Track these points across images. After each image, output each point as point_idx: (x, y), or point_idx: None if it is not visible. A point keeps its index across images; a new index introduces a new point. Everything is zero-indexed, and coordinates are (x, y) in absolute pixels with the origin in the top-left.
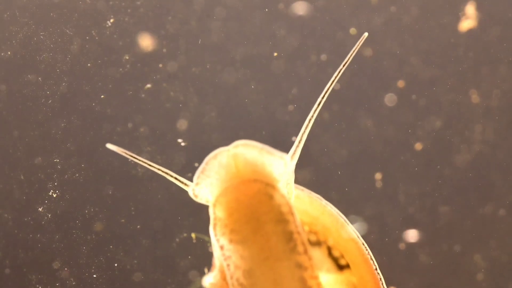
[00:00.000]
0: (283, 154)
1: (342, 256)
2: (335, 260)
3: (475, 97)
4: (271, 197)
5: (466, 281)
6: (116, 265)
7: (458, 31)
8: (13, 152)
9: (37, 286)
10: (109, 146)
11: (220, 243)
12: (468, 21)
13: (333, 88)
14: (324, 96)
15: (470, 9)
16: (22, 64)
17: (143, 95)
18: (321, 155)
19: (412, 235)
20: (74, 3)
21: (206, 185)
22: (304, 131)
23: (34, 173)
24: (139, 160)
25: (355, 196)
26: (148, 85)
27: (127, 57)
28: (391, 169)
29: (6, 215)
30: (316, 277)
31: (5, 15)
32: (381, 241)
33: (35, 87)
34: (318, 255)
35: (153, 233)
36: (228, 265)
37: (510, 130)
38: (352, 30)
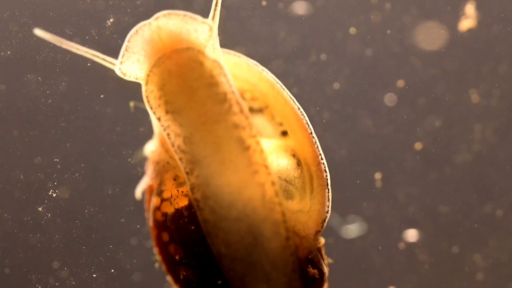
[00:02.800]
0: (205, 19)
1: (280, 123)
2: (273, 127)
3: (475, 97)
4: (201, 63)
5: (466, 281)
6: (116, 265)
7: (458, 30)
8: (13, 152)
9: (37, 286)
10: (37, 31)
11: (156, 115)
12: (468, 20)
13: (333, 88)
14: None
15: (470, 9)
16: (22, 64)
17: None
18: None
19: (412, 235)
20: (74, 3)
21: (133, 62)
22: None
23: (34, 173)
24: (66, 44)
25: (355, 196)
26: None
27: None
28: (391, 169)
29: (6, 215)
30: (254, 136)
31: (5, 15)
32: (381, 241)
33: (35, 87)
34: (261, 121)
35: None
36: (168, 135)
37: (510, 130)
38: (352, 30)
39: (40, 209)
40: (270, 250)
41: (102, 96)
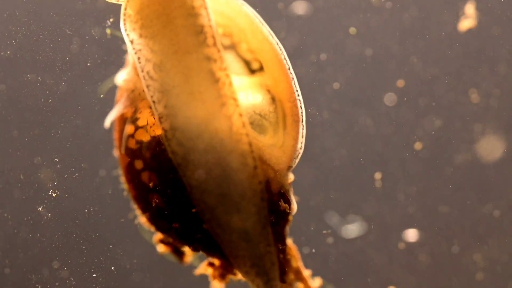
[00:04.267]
0: None
1: (256, 59)
2: (247, 63)
3: (474, 97)
4: None
5: (466, 281)
6: (116, 265)
7: (458, 30)
8: (13, 152)
9: (37, 285)
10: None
11: (130, 37)
12: (468, 20)
13: (333, 88)
14: None
15: (470, 9)
16: (22, 64)
17: None
18: (321, 155)
19: (411, 235)
20: (74, 3)
21: None
22: None
23: (34, 173)
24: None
25: (355, 196)
26: None
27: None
28: (391, 168)
29: (6, 214)
30: (225, 69)
31: (5, 15)
32: (381, 241)
33: (35, 87)
34: (230, 58)
35: (153, 233)
36: (138, 58)
37: (510, 130)
38: (352, 30)
39: (40, 209)
40: (238, 181)
41: (102, 96)
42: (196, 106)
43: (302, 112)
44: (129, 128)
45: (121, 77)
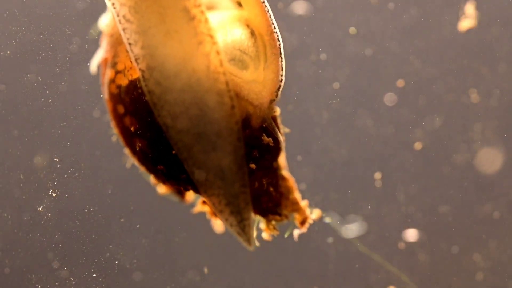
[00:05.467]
0: None
1: None
2: None
3: (474, 97)
4: None
5: (466, 281)
6: (116, 265)
7: (458, 30)
8: (13, 151)
9: (37, 285)
10: None
11: None
12: (468, 20)
13: (333, 88)
14: None
15: (470, 9)
16: (22, 64)
17: None
18: (321, 155)
19: (411, 234)
20: (74, 3)
21: None
22: None
23: (34, 172)
24: None
25: (355, 196)
26: None
27: None
28: (391, 168)
29: (5, 214)
30: (199, 6)
31: (5, 15)
32: (380, 241)
33: (35, 87)
34: None
35: (152, 232)
36: (113, 4)
37: (510, 130)
38: (352, 30)
39: (40, 209)
40: (215, 120)
41: (102, 96)
42: (172, 45)
43: (280, 45)
44: (109, 73)
45: (103, 22)
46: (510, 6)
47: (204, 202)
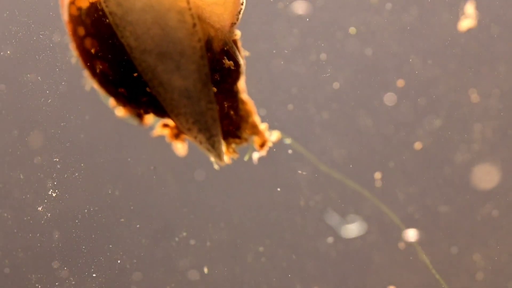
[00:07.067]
0: None
1: None
2: None
3: (474, 97)
4: None
5: (466, 280)
6: (116, 264)
7: (458, 30)
8: (13, 151)
9: (37, 285)
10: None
11: None
12: (468, 20)
13: (333, 88)
14: None
15: (470, 9)
16: (22, 64)
17: None
18: (321, 155)
19: (411, 234)
20: None
21: None
22: None
23: (34, 172)
24: None
25: (355, 196)
26: None
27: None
28: (391, 169)
29: (5, 214)
30: None
31: (5, 15)
32: (381, 241)
33: (35, 87)
34: None
35: (152, 232)
36: None
37: (510, 130)
38: (352, 30)
39: (40, 209)
40: (177, 39)
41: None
42: None
43: None
44: None
45: None
46: (510, 6)
47: (164, 126)
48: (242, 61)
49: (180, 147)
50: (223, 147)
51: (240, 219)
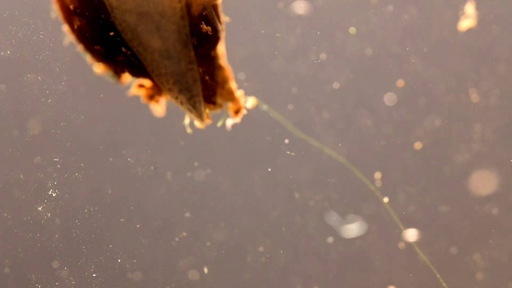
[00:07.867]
0: None
1: None
2: None
3: (474, 97)
4: None
5: (466, 280)
6: (116, 264)
7: (458, 30)
8: (13, 151)
9: (37, 285)
10: None
11: None
12: (468, 20)
13: (333, 88)
14: None
15: (470, 9)
16: (22, 64)
17: None
18: (321, 155)
19: (411, 234)
20: None
21: None
22: None
23: (34, 172)
24: None
25: (355, 196)
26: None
27: None
28: (391, 168)
29: (5, 214)
30: None
31: (5, 15)
32: (381, 241)
33: (35, 87)
34: None
35: (152, 232)
36: None
37: (510, 130)
38: (352, 30)
39: (40, 209)
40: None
41: (101, 96)
42: None
43: None
44: None
45: None
46: (510, 6)
47: (139, 86)
48: (221, 27)
49: (157, 108)
50: (204, 108)
51: (240, 219)
